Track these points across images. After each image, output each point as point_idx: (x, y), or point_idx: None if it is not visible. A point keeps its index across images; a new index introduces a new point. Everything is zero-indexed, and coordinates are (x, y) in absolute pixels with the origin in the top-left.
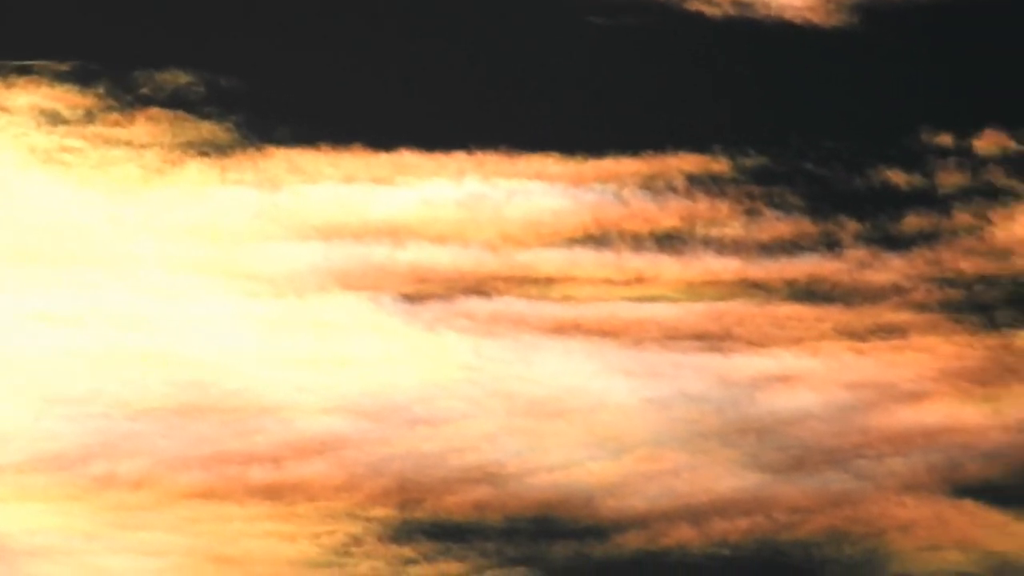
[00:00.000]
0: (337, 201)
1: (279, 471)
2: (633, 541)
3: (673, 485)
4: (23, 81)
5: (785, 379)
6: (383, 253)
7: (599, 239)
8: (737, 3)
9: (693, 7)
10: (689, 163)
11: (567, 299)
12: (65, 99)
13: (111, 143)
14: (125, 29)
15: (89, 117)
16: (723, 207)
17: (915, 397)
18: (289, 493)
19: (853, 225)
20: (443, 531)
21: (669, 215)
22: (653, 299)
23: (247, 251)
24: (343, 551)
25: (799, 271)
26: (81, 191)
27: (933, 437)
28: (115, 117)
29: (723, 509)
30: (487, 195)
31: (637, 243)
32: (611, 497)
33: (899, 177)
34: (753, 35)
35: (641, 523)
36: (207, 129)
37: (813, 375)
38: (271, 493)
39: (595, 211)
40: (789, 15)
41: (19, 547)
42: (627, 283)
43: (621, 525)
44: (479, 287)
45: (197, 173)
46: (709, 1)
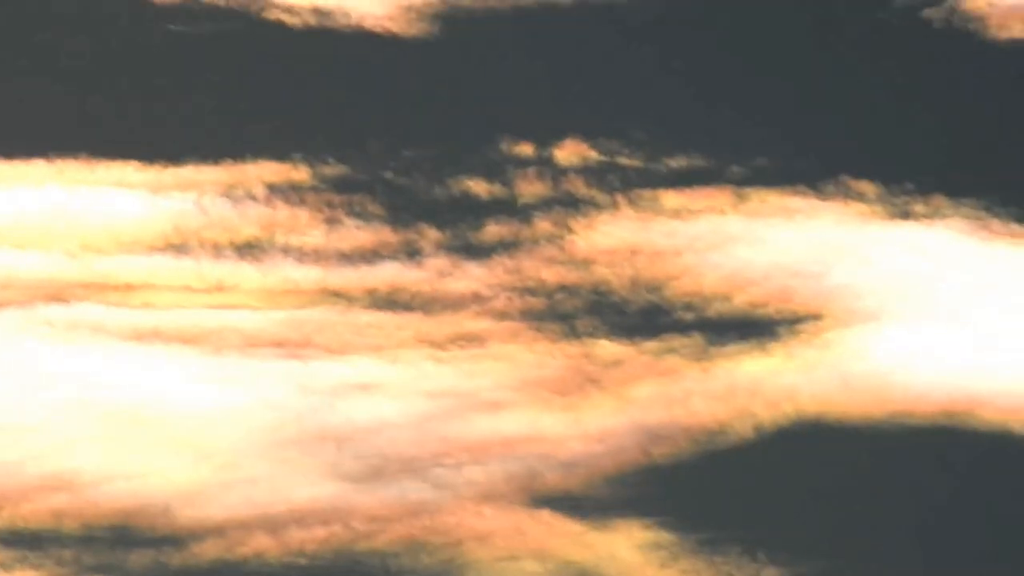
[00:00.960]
0: None
1: None
2: (211, 550)
3: (251, 494)
4: None
5: (365, 387)
6: None
7: (179, 247)
8: (317, 12)
9: (273, 15)
10: (269, 171)
11: (147, 306)
12: None
13: None
14: None
15: None
16: (303, 216)
17: (494, 406)
18: None
19: (433, 234)
20: (19, 539)
21: (249, 223)
22: (233, 307)
23: None
24: None
25: (379, 280)
26: None
27: (512, 446)
28: None
29: (301, 518)
30: (67, 203)
31: (217, 251)
32: (189, 506)
33: (479, 186)
34: (333, 44)
35: (219, 532)
36: None
37: (392, 384)
38: None
39: (175, 219)
40: (369, 24)
41: None
42: (207, 291)
43: (198, 534)
44: (59, 294)
45: None
46: (289, 10)
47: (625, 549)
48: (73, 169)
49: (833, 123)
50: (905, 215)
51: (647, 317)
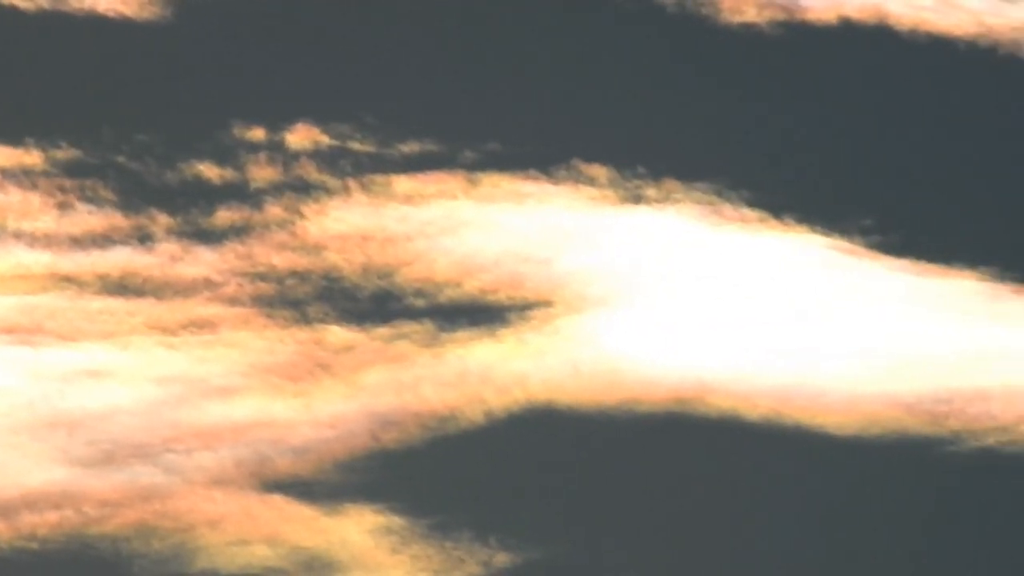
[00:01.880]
0: None
1: None
2: None
3: None
4: None
5: (95, 374)
6: None
7: None
8: None
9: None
10: (0, 156)
11: None
12: None
13: None
14: None
15: None
16: (35, 200)
17: (226, 392)
18: None
19: (165, 219)
20: None
21: None
22: None
23: None
24: None
25: (111, 265)
26: None
27: (243, 432)
28: None
29: (32, 503)
30: None
31: None
32: None
33: (211, 171)
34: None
35: None
36: None
37: (123, 370)
38: None
39: None
40: (102, 8)
41: None
42: None
43: None
44: None
45: None
46: None
47: (356, 534)
48: None
49: (565, 108)
50: (637, 199)
51: (378, 303)
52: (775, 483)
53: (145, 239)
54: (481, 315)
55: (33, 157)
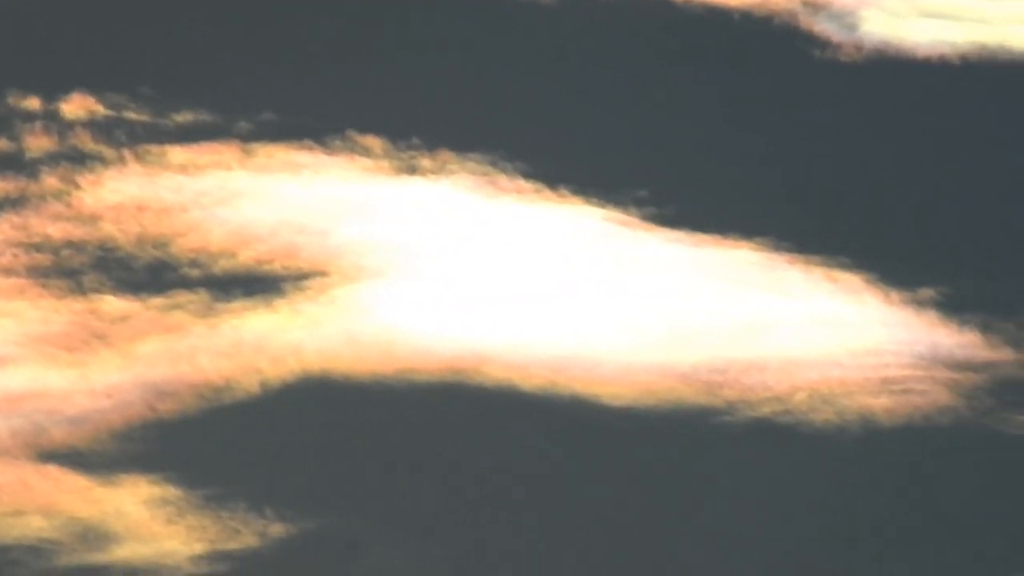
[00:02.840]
0: None
1: None
2: None
3: None
4: None
5: None
6: None
7: None
8: None
9: None
10: None
11: None
12: None
13: None
14: None
15: None
16: None
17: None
18: None
19: None
20: None
21: None
22: None
23: None
24: None
25: None
26: None
27: (17, 402)
28: None
29: None
30: None
31: None
32: None
33: None
34: None
35: None
36: None
37: None
38: None
39: None
40: None
41: None
42: None
43: None
44: None
45: None
46: None
47: (131, 504)
48: None
49: (339, 78)
50: (412, 170)
51: (153, 273)
52: (550, 453)
53: None
54: (256, 285)
55: None
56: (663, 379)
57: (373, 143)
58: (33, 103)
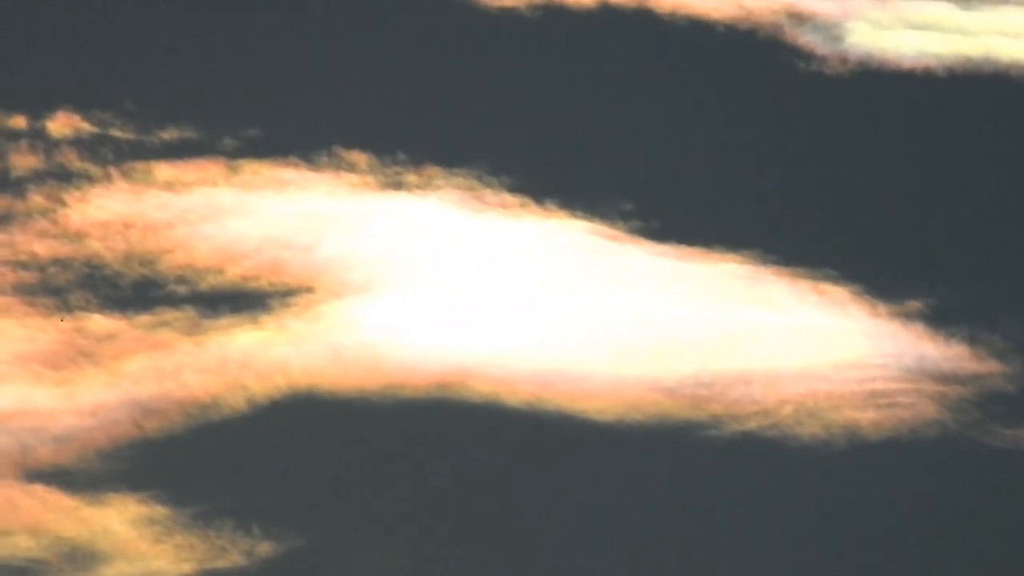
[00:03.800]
0: None
1: None
2: None
3: None
4: None
5: None
6: None
7: None
8: None
9: None
10: None
11: None
12: None
13: None
14: None
15: None
16: None
17: None
18: None
19: None
20: None
21: None
22: None
23: None
24: None
25: None
26: None
27: (4, 421)
28: None
29: None
30: None
31: None
32: None
33: None
34: None
35: None
36: None
37: None
38: None
39: None
40: None
41: None
42: None
43: None
44: None
45: None
46: None
47: (119, 524)
48: None
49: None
50: (398, 186)
51: (140, 291)
52: (536, 468)
53: None
54: (242, 302)
55: None
56: (649, 393)
57: (359, 159)
58: (19, 121)
